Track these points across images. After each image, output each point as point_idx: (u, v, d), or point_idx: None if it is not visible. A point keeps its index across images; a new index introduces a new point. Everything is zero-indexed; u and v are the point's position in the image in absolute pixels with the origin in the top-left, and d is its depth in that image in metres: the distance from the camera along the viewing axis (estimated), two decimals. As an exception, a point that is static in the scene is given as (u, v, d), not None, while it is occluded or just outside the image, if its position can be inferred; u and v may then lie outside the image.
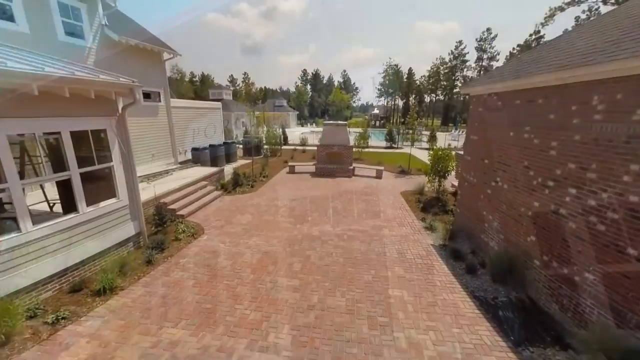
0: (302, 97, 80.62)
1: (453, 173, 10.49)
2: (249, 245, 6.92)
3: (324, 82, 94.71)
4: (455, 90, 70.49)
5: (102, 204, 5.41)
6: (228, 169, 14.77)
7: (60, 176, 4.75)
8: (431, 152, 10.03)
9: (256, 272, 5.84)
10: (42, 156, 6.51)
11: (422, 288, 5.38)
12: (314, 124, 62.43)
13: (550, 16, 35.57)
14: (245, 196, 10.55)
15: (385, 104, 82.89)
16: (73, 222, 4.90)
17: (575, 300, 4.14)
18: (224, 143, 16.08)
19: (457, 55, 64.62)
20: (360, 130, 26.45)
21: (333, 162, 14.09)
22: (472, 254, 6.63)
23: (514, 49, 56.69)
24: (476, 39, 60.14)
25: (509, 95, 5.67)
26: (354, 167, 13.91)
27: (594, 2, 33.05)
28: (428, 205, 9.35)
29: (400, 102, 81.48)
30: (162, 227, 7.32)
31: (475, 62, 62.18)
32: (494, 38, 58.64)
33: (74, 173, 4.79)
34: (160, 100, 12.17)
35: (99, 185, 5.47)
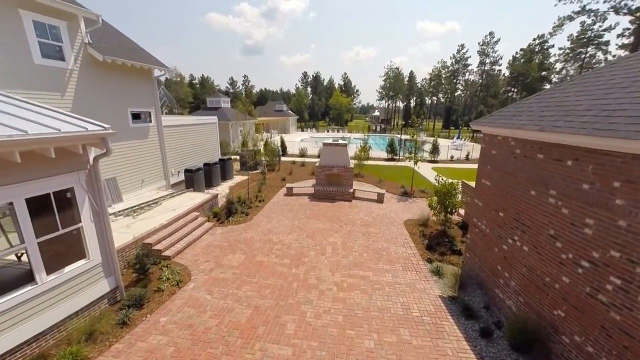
0: (302, 100, 79.79)
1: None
2: (239, 297, 6.29)
3: (325, 84, 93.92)
4: (456, 94, 69.88)
5: (68, 268, 4.72)
6: (223, 188, 14.17)
7: (11, 251, 4.07)
8: (437, 185, 9.29)
9: (244, 335, 5.25)
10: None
11: (431, 359, 4.79)
12: (314, 129, 61.71)
13: (559, 26, 35.02)
14: (239, 227, 9.86)
15: (387, 106, 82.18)
16: (28, 296, 4.22)
17: (615, 396, 3.51)
18: (220, 160, 15.39)
19: (459, 59, 63.85)
20: (360, 136, 25.78)
21: (332, 184, 13.41)
22: (485, 310, 6.01)
23: (517, 52, 55.97)
24: (479, 43, 59.33)
25: (529, 145, 4.90)
26: (354, 190, 13.22)
27: (604, 11, 32.38)
28: (434, 242, 8.67)
29: (401, 104, 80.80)
30: (144, 275, 6.67)
31: (478, 66, 61.38)
32: (496, 42, 57.80)
33: (30, 245, 4.09)
34: (150, 121, 11.49)
35: (65, 246, 4.79)
